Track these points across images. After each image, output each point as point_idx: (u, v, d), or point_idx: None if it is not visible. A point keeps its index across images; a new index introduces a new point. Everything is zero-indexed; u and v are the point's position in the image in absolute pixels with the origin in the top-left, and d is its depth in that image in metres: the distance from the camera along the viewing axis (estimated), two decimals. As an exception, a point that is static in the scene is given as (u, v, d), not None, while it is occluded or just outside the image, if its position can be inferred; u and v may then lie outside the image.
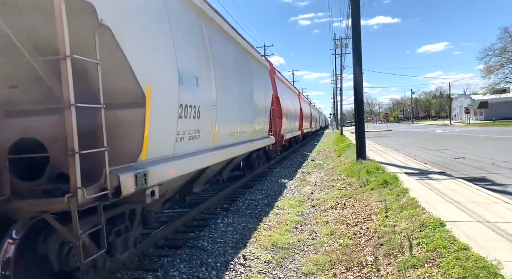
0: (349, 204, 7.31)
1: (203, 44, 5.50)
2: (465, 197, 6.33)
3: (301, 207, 7.75)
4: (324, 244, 5.27)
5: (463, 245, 3.86)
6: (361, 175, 9.39)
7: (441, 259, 3.71)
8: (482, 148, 17.73)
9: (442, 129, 45.09)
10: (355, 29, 12.68)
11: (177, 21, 4.57)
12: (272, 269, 4.52)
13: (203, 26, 5.62)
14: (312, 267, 4.43)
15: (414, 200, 6.06)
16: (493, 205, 5.72)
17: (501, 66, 63.43)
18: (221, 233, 5.92)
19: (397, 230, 4.93)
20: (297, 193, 9.46)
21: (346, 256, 4.60)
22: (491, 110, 69.44)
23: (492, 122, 56.10)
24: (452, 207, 5.65)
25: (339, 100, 52.18)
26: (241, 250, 5.14)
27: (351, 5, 13.00)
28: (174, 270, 4.39)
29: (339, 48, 47.84)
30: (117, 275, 4.29)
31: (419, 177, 8.68)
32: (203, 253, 5.02)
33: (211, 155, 5.61)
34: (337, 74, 55.97)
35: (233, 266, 4.59)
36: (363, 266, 4.23)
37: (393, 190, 7.18)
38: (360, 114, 12.99)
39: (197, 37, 5.34)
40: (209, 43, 5.72)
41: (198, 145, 5.14)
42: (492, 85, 67.02)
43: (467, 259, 3.56)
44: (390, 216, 5.65)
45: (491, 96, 71.60)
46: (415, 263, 3.78)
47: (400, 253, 4.18)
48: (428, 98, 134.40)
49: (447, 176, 8.75)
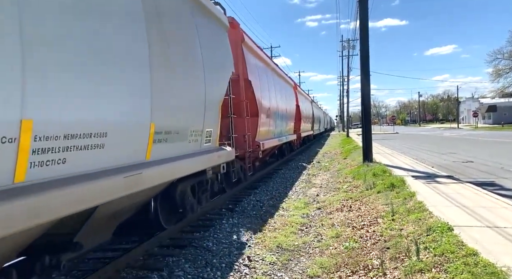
0: (355, 206, 7.25)
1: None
2: (473, 201, 6.25)
3: (307, 208, 7.71)
4: (329, 246, 5.23)
5: (472, 250, 3.80)
6: (368, 178, 9.32)
7: (449, 264, 3.66)
8: (490, 152, 17.52)
9: (449, 132, 44.70)
10: (363, 31, 12.61)
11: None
12: (277, 271, 4.49)
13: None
14: (317, 270, 4.40)
15: (421, 204, 6.00)
16: (502, 210, 5.64)
17: (510, 69, 62.77)
18: (226, 233, 5.91)
19: (403, 233, 4.88)
20: (302, 194, 9.41)
21: (352, 259, 4.56)
22: (500, 114, 68.77)
23: (500, 127, 55.50)
24: (460, 211, 5.57)
25: (346, 102, 52.00)
26: (246, 251, 5.12)
27: (359, 7, 12.94)
28: (179, 270, 4.38)
29: (346, 50, 47.71)
30: (122, 274, 4.29)
31: (426, 180, 8.59)
32: (208, 253, 5.01)
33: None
34: (343, 76, 55.79)
35: (238, 267, 4.57)
36: (369, 269, 4.19)
37: (399, 193, 7.12)
38: (367, 116, 12.91)
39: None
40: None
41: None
42: (501, 89, 66.30)
43: (475, 264, 3.50)
44: (396, 220, 5.59)
45: (500, 100, 70.92)
46: (422, 267, 3.73)
47: (406, 257, 4.13)
48: (436, 101, 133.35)
49: (455, 179, 8.66)
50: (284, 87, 15.79)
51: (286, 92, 15.68)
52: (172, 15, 4.61)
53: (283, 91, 14.85)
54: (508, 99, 69.67)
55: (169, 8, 4.55)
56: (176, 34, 4.68)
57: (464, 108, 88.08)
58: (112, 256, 4.54)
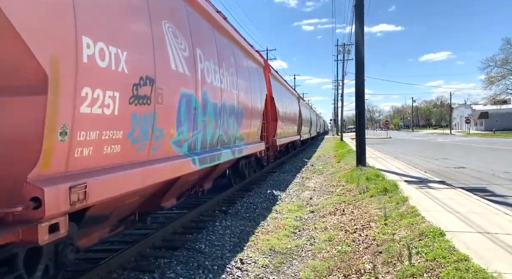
0: (348, 210, 7.27)
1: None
2: (465, 207, 6.30)
3: (300, 211, 7.71)
4: (322, 250, 5.23)
5: (463, 256, 3.83)
6: (361, 182, 9.36)
7: (440, 269, 3.68)
8: (482, 158, 17.71)
9: (442, 138, 45.10)
10: (358, 35, 12.69)
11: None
12: (269, 274, 4.48)
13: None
14: (309, 273, 4.39)
15: (413, 209, 6.03)
16: (493, 216, 5.69)
17: (503, 77, 63.68)
18: (219, 235, 5.89)
19: (396, 238, 4.90)
20: (296, 197, 9.42)
21: (345, 263, 4.56)
22: (492, 121, 69.55)
23: (492, 133, 56.12)
24: (452, 217, 5.61)
25: (340, 106, 52.26)
26: (239, 254, 5.10)
27: (355, 12, 13.02)
28: (171, 272, 4.35)
29: (341, 54, 48.00)
30: (114, 275, 4.25)
31: (419, 185, 8.65)
32: (200, 255, 4.98)
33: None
34: (338, 80, 56.11)
35: (230, 270, 4.56)
36: (361, 273, 4.19)
37: (392, 197, 7.15)
38: (361, 120, 12.97)
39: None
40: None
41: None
42: (493, 96, 67.20)
43: (467, 270, 3.52)
44: (389, 224, 5.61)
45: (492, 107, 71.77)
46: (414, 272, 3.75)
47: (399, 261, 4.15)
48: (429, 107, 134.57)
49: (447, 185, 8.72)
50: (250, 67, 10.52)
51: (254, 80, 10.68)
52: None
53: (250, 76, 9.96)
54: (499, 107, 70.53)
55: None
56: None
57: (457, 114, 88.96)
58: (104, 257, 4.49)
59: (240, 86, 8.26)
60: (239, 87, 8.16)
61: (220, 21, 7.21)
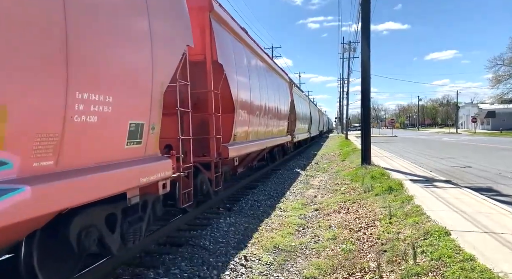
0: (352, 209, 7.25)
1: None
2: (471, 206, 6.25)
3: (304, 209, 7.71)
4: (326, 248, 5.22)
5: (469, 256, 3.80)
6: (366, 180, 9.32)
7: (445, 268, 3.66)
8: (488, 157, 17.56)
9: (448, 137, 44.79)
10: (365, 29, 12.61)
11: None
12: (273, 271, 4.49)
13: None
14: (314, 271, 4.39)
15: (419, 208, 6.00)
16: (499, 216, 5.64)
17: (510, 76, 62.90)
18: (223, 232, 5.90)
19: (401, 237, 4.88)
20: (300, 195, 9.41)
21: (349, 261, 4.56)
22: (499, 120, 68.91)
23: (499, 133, 55.62)
24: (458, 216, 5.58)
25: (345, 104, 52.07)
26: (243, 251, 5.11)
27: (361, 9, 12.94)
28: (175, 268, 4.37)
29: (347, 52, 47.77)
30: (118, 271, 4.28)
31: (425, 184, 8.60)
32: (204, 252, 5.00)
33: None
34: (344, 78, 55.85)
35: (234, 266, 4.57)
36: (365, 272, 4.18)
37: (397, 196, 7.12)
38: (366, 119, 12.91)
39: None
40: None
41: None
42: (500, 95, 66.44)
43: (472, 269, 3.50)
44: (394, 223, 5.59)
45: (499, 106, 71.03)
46: (419, 271, 3.73)
47: (403, 260, 4.13)
48: (435, 105, 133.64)
49: (453, 184, 8.67)
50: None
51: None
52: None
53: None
54: (507, 106, 69.75)
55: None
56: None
57: (463, 113, 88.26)
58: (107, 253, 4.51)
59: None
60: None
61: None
